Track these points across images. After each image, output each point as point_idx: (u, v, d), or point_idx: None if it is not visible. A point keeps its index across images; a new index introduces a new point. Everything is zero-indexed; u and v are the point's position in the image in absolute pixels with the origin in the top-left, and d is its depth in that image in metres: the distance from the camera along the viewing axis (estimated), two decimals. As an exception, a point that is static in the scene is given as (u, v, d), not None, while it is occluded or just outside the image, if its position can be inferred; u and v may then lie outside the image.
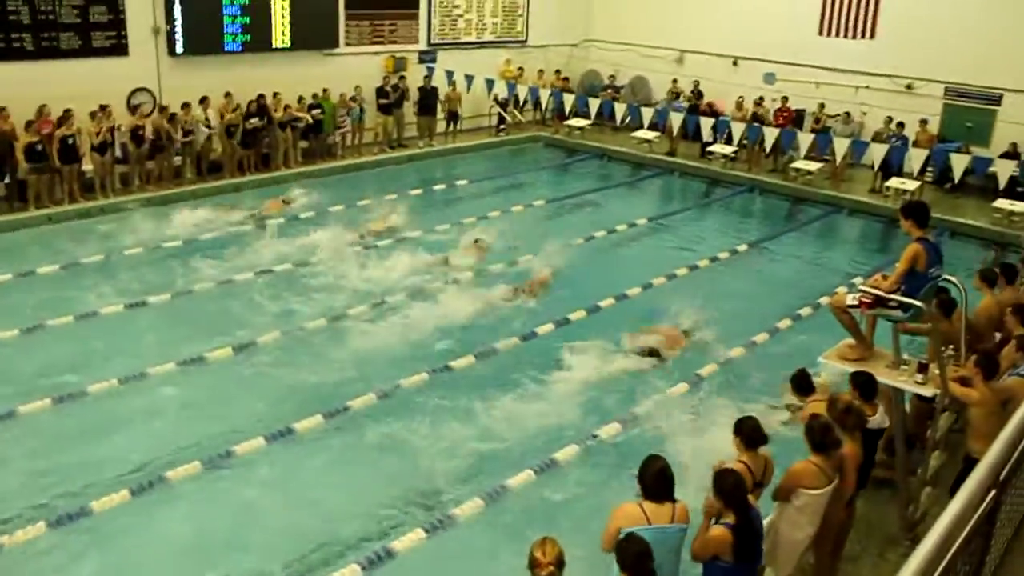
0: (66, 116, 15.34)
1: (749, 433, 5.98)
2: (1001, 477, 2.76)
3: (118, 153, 16.39)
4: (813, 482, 5.92)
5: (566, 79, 24.90)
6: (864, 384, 6.80)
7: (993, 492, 2.74)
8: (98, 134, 15.69)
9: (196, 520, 7.79)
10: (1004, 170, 17.62)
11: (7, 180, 15.37)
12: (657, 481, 5.24)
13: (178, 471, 8.26)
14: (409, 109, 21.47)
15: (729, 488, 5.26)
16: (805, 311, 12.74)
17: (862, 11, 21.61)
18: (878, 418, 6.94)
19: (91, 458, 8.57)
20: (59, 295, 12.15)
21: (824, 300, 12.34)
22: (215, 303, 12.35)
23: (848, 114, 20.88)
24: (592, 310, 12.51)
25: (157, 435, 9.02)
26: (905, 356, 7.08)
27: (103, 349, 10.74)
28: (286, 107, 18.52)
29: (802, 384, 7.30)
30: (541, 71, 24.49)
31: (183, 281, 12.88)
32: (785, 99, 21.47)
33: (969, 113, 20.41)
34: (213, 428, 9.16)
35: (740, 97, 21.87)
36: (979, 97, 20.27)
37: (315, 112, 19.12)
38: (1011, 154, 18.74)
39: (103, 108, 15.88)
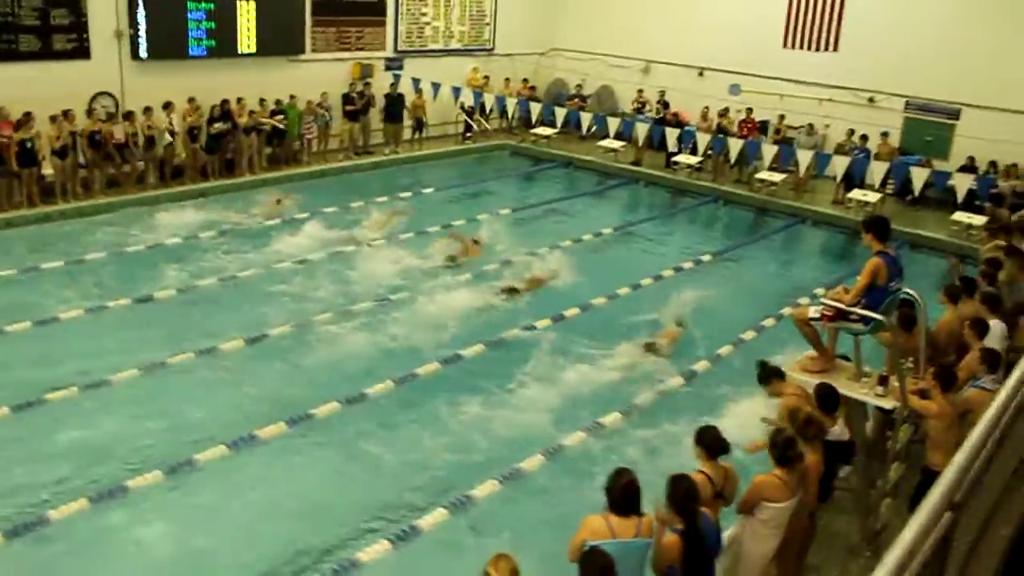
0: (24, 120, 15.11)
1: (710, 443, 6.01)
2: (957, 499, 2.80)
3: (80, 158, 16.15)
4: (776, 495, 5.97)
5: (532, 88, 24.99)
6: (826, 397, 6.87)
7: (949, 514, 2.77)
8: (58, 138, 15.46)
9: (157, 530, 7.69)
10: (962, 184, 17.92)
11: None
12: (624, 495, 5.25)
13: (138, 480, 8.17)
14: (375, 116, 21.43)
15: (680, 495, 5.29)
16: (768, 322, 12.86)
17: (825, 25, 21.92)
18: (838, 430, 7.02)
19: (49, 467, 8.42)
20: (18, 301, 11.97)
21: (787, 311, 12.50)
22: (178, 309, 12.28)
23: (811, 126, 21.14)
24: (557, 319, 12.54)
25: (117, 443, 8.89)
26: (866, 368, 7.18)
27: (63, 355, 10.53)
28: (251, 112, 18.39)
29: (768, 374, 7.31)
30: (508, 79, 24.57)
31: (146, 287, 12.71)
32: (750, 110, 21.70)
33: (929, 127, 20.76)
34: (174, 435, 9.08)
35: (705, 108, 22.07)
36: (938, 111, 20.62)
37: (278, 118, 18.98)
38: (969, 167, 19.12)
39: (65, 113, 15.64)
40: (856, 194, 18.96)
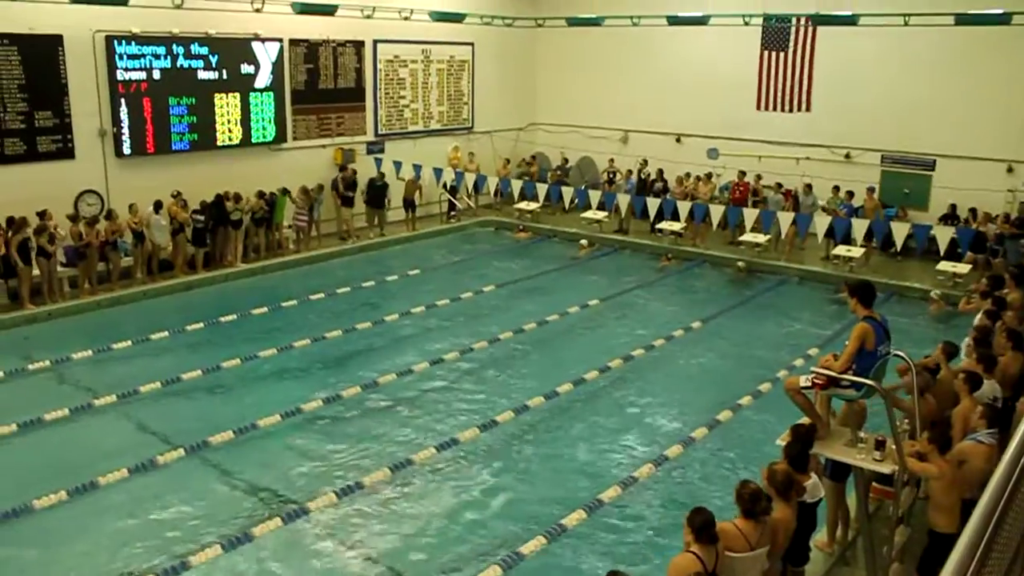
0: (20, 223, 15.21)
1: (699, 527, 5.85)
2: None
3: (62, 257, 16.24)
4: (734, 544, 5.89)
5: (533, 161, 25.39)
6: (796, 458, 6.73)
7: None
8: (51, 240, 15.50)
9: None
10: (943, 235, 18.03)
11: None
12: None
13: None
14: (358, 199, 21.57)
15: None
16: (764, 387, 12.76)
17: (796, 87, 22.35)
18: (810, 488, 6.79)
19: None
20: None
21: (782, 374, 12.53)
22: (162, 403, 12.13)
23: (809, 186, 21.20)
24: (550, 395, 12.46)
25: (103, 551, 8.73)
26: (862, 433, 7.13)
27: (49, 458, 10.40)
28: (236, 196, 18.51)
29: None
30: (507, 160, 25.13)
31: (135, 384, 12.57)
32: (743, 174, 21.96)
33: (906, 179, 21.06)
34: (164, 536, 8.93)
35: (678, 176, 22.85)
36: (914, 163, 20.95)
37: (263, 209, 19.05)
38: (950, 216, 19.38)
39: (41, 215, 15.57)
40: (840, 250, 19.11)
